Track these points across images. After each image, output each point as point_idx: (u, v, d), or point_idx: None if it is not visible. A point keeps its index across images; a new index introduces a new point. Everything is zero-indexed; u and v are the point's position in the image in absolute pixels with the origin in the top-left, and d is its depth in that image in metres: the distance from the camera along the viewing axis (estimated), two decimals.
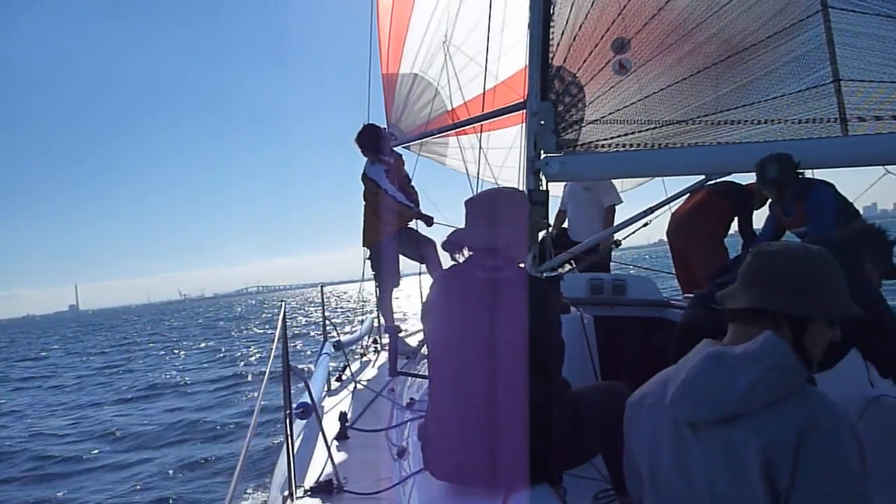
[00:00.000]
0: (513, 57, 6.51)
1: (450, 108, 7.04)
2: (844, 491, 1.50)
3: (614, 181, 6.72)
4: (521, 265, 2.61)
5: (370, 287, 6.76)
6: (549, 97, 4.09)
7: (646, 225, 5.34)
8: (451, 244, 2.65)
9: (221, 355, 25.75)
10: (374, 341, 6.61)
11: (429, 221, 6.30)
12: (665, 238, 6.40)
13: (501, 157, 7.56)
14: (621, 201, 6.90)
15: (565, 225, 7.06)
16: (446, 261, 2.69)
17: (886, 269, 3.15)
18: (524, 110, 4.29)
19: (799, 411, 1.55)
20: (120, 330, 66.14)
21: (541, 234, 4.04)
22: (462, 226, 2.69)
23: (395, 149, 6.81)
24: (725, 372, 1.63)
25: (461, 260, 2.64)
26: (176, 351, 30.46)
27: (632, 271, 6.68)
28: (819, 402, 1.58)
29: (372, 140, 6.19)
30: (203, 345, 32.63)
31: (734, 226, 6.04)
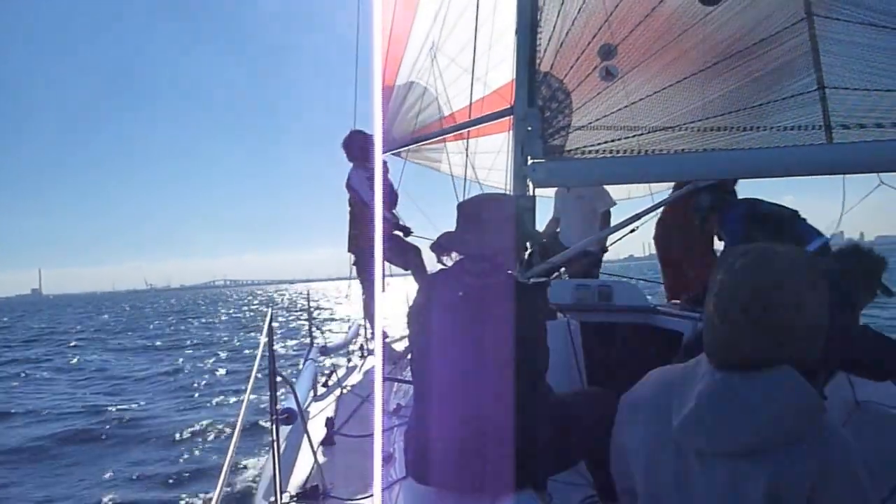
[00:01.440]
0: (503, 68, 6.52)
1: (439, 118, 7.06)
2: None
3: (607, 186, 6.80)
4: (509, 271, 2.61)
5: (355, 289, 6.77)
6: (536, 103, 4.10)
7: (633, 231, 5.36)
8: (439, 247, 2.65)
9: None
10: (361, 347, 6.60)
11: (406, 232, 6.32)
12: None
13: (489, 161, 7.58)
14: (615, 203, 6.98)
15: (559, 230, 7.12)
16: (432, 266, 2.70)
17: (875, 290, 3.30)
18: (511, 116, 4.30)
19: (815, 451, 1.53)
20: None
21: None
22: (448, 230, 2.69)
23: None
24: (743, 406, 1.58)
25: (449, 264, 2.63)
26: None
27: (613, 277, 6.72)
28: (834, 443, 1.56)
29: (360, 146, 6.21)
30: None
31: None
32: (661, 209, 5.36)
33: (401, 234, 6.36)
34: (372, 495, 2.70)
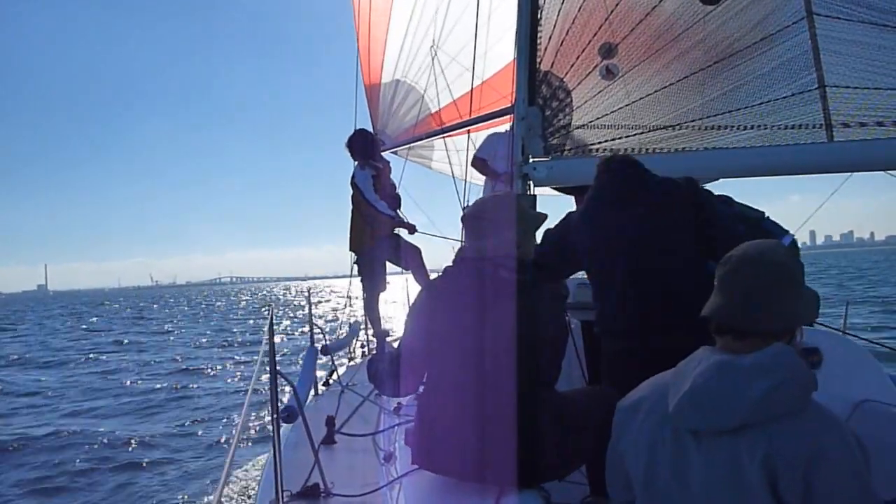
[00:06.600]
0: (498, 54, 6.47)
1: (434, 111, 7.05)
2: None
3: None
4: (517, 270, 2.60)
5: (356, 287, 6.75)
6: (536, 102, 4.10)
7: None
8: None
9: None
10: (362, 346, 6.59)
11: (411, 229, 6.33)
12: None
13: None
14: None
15: None
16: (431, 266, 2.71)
17: None
18: (511, 115, 4.29)
19: (806, 428, 1.55)
20: None
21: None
22: (443, 233, 2.72)
23: (383, 154, 6.85)
24: (736, 382, 1.61)
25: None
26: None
27: None
28: (825, 420, 1.59)
29: (362, 145, 6.23)
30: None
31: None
32: None
33: (406, 231, 6.36)
34: (372, 492, 2.70)
